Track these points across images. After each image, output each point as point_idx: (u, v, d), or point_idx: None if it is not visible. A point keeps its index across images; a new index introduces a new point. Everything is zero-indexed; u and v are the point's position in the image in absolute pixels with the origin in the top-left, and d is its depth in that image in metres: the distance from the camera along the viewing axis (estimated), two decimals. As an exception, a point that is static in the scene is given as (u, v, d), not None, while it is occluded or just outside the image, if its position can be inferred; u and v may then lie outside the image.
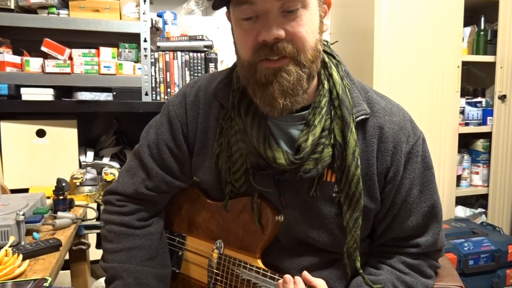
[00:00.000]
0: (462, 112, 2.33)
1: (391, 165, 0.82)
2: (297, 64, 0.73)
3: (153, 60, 2.05)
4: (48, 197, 1.33)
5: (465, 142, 2.50)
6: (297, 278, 0.77)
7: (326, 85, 0.81)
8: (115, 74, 2.00)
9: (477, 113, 2.38)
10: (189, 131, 0.90)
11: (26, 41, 2.06)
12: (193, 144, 0.90)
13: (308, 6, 0.72)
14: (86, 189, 1.83)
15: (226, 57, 2.27)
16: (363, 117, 0.81)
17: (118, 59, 2.04)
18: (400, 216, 0.85)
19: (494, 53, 2.33)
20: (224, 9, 0.80)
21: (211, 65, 2.09)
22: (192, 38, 2.09)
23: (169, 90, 2.08)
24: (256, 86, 0.74)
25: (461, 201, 2.51)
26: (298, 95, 0.74)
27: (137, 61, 2.09)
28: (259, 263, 0.85)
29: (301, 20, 0.71)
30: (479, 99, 2.40)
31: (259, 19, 0.71)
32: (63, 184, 1.28)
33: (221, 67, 2.20)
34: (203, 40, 2.09)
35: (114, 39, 2.11)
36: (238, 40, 0.77)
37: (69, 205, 1.31)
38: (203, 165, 0.90)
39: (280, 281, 0.78)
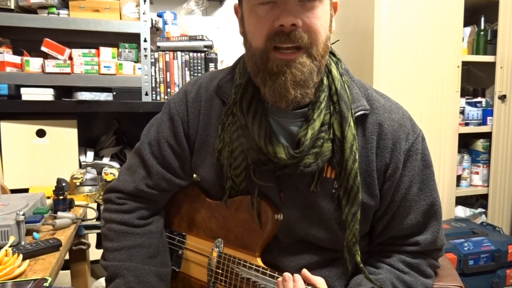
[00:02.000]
0: (462, 112, 2.33)
1: (390, 162, 0.82)
2: (309, 56, 0.74)
3: (153, 60, 2.05)
4: (48, 197, 1.33)
5: (465, 142, 2.50)
6: (297, 276, 0.77)
7: (325, 81, 0.82)
8: (115, 74, 2.00)
9: (477, 113, 2.38)
10: (190, 128, 0.90)
11: (26, 41, 2.06)
12: (193, 141, 0.90)
13: (323, 0, 0.73)
14: (86, 189, 1.83)
15: (226, 57, 2.27)
16: (362, 112, 0.81)
17: (118, 59, 2.04)
18: (399, 214, 0.86)
19: (494, 53, 2.33)
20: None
21: (211, 65, 2.09)
22: (192, 38, 2.09)
23: (169, 90, 2.08)
24: (267, 76, 0.75)
25: (461, 201, 2.51)
26: (308, 87, 0.75)
27: (137, 61, 2.09)
28: (259, 262, 0.85)
29: (316, 13, 0.72)
30: (479, 99, 2.40)
31: (276, 6, 0.72)
32: (63, 184, 1.28)
33: (221, 67, 2.20)
34: (203, 40, 2.09)
35: (114, 39, 2.11)
36: (252, 27, 0.76)
37: (69, 205, 1.31)
38: (204, 162, 0.90)
39: (280, 279, 0.79)
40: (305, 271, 0.79)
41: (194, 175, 0.96)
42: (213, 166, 0.88)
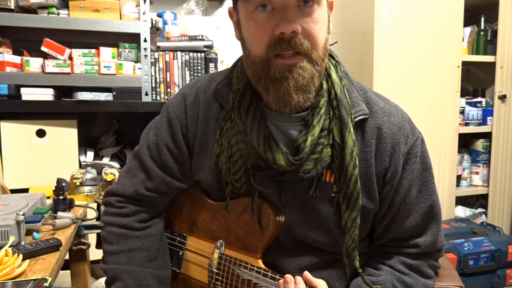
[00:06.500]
0: (462, 112, 2.33)
1: (389, 166, 0.82)
2: (310, 61, 0.73)
3: (153, 60, 2.05)
4: (48, 197, 1.33)
5: (465, 142, 2.50)
6: (298, 278, 0.77)
7: (324, 86, 0.81)
8: (115, 74, 2.00)
9: (477, 113, 2.38)
10: (188, 132, 0.90)
11: (26, 41, 2.06)
12: (192, 144, 0.90)
13: (321, 3, 0.73)
14: (86, 189, 1.83)
15: (226, 57, 2.27)
16: (361, 117, 0.81)
17: (118, 59, 2.04)
18: (399, 217, 0.85)
19: (494, 53, 2.33)
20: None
21: (211, 65, 2.09)
22: (192, 38, 2.09)
23: (169, 90, 2.08)
24: (269, 83, 0.74)
25: (461, 201, 2.51)
26: (310, 92, 0.75)
27: (137, 61, 2.09)
28: (260, 263, 0.85)
29: (315, 17, 0.72)
30: (479, 99, 2.40)
31: (275, 12, 0.71)
32: (63, 184, 1.28)
33: (221, 67, 2.19)
34: (203, 40, 2.09)
35: (114, 39, 2.11)
36: (251, 35, 0.75)
37: (69, 205, 1.31)
38: (203, 165, 0.90)
39: (281, 281, 0.79)
40: (306, 273, 0.79)
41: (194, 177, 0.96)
42: (212, 170, 0.88)
